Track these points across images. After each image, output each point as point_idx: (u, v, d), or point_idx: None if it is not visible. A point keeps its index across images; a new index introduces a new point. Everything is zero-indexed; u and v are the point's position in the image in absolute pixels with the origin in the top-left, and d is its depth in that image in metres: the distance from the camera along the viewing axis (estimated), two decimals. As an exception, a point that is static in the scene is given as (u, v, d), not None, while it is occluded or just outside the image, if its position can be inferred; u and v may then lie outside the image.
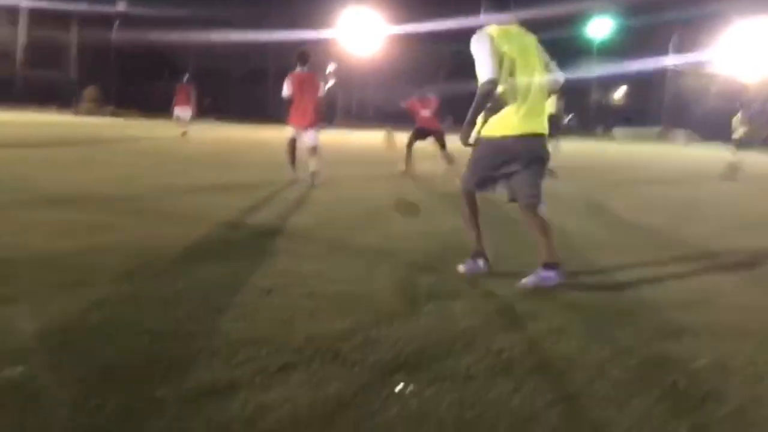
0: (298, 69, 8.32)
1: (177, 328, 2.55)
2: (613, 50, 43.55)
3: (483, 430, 1.84)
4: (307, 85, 8.23)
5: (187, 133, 16.51)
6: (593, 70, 42.26)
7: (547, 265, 3.37)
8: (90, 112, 33.60)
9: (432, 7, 33.82)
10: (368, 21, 40.28)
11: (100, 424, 1.77)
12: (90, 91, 36.45)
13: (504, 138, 3.37)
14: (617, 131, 41.95)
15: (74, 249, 3.83)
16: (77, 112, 33.48)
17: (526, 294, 3.25)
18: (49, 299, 2.84)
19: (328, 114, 9.56)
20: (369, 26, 40.05)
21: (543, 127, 3.46)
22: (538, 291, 3.30)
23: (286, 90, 8.25)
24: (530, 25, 3.62)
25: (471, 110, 3.36)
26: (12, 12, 36.09)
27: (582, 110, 42.00)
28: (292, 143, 8.34)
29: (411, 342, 2.51)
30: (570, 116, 24.41)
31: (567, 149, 17.25)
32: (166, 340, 2.41)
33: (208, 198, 6.38)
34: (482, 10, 3.57)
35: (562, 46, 39.23)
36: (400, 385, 1.84)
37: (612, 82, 47.22)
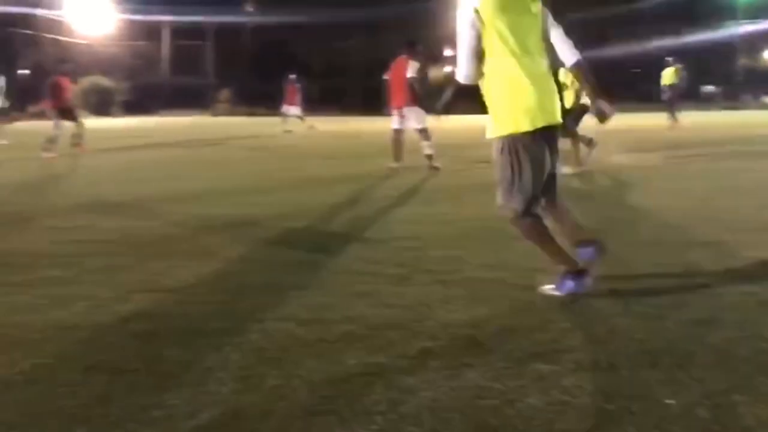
0: (401, 55, 8.50)
1: (319, 314, 2.72)
2: (761, 6, 38.96)
3: (628, 422, 1.78)
4: (398, 67, 8.42)
5: (292, 131, 17.48)
6: (738, 31, 38.12)
7: (583, 243, 3.00)
8: (225, 113, 36.25)
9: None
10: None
11: (260, 402, 1.94)
12: (224, 93, 39.35)
13: (526, 132, 2.78)
14: (771, 99, 37.54)
15: (217, 241, 4.21)
16: (214, 114, 36.29)
17: (664, 286, 3.06)
18: (201, 288, 3.14)
19: (448, 101, 9.33)
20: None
21: (552, 117, 2.84)
22: (679, 282, 3.08)
23: (386, 75, 8.68)
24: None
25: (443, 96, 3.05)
26: (156, 26, 40.01)
27: (726, 77, 38.09)
28: (396, 133, 8.40)
29: (547, 330, 2.48)
30: (711, 88, 22.31)
31: (711, 120, 15.80)
32: (310, 325, 2.58)
33: (330, 189, 6.65)
34: None
35: (701, 5, 35.84)
36: None
37: (762, 43, 42.27)
